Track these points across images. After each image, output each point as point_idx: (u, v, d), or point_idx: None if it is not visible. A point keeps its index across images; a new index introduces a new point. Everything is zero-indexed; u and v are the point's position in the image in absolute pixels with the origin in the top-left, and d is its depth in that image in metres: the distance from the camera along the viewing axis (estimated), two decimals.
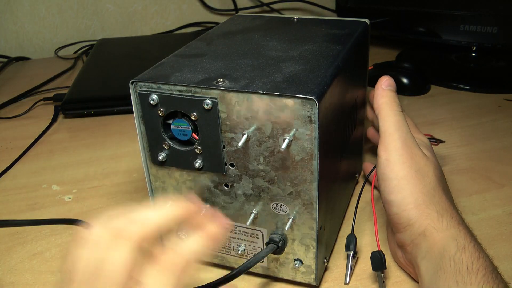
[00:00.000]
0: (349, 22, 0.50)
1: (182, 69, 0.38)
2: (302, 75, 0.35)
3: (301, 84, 0.34)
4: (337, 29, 0.47)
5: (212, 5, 1.11)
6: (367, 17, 0.53)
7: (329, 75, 0.36)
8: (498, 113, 0.69)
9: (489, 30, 0.75)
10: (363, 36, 0.48)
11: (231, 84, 0.34)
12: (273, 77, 0.35)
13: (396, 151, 0.39)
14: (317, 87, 0.33)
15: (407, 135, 0.40)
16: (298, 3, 1.14)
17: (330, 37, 0.45)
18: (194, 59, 0.40)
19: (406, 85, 0.76)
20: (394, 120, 0.40)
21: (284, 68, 0.37)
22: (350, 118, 0.46)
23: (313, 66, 0.37)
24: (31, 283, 0.42)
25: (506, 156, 0.58)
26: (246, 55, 0.40)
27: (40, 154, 0.63)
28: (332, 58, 0.39)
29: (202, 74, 0.36)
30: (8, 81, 0.89)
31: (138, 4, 1.07)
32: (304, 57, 0.39)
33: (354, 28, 0.47)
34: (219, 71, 0.37)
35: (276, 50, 0.41)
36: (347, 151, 0.46)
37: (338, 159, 0.42)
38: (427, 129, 0.65)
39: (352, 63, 0.44)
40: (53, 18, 1.03)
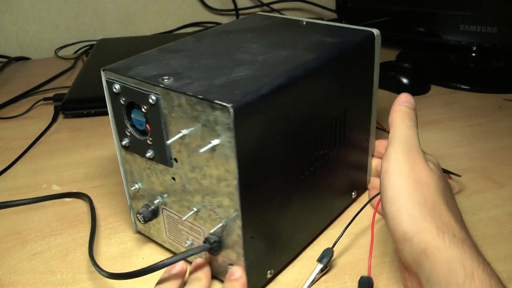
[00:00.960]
0: (353, 31, 0.45)
1: (148, 63, 0.39)
2: (244, 81, 0.35)
3: (233, 90, 0.33)
4: (332, 37, 0.44)
5: (212, 5, 1.11)
6: (367, 17, 0.52)
7: (274, 83, 0.34)
8: (498, 113, 0.69)
9: (489, 30, 0.75)
10: (362, 47, 0.44)
11: (172, 82, 0.35)
12: (217, 80, 0.35)
13: (396, 160, 0.37)
14: (246, 95, 0.32)
15: (413, 147, 0.38)
16: (298, 3, 1.14)
17: (314, 45, 0.42)
18: (168, 54, 0.41)
19: (406, 85, 0.76)
20: (402, 133, 0.39)
21: (236, 72, 0.36)
22: (326, 132, 0.42)
23: (265, 73, 0.36)
24: (31, 283, 0.42)
25: (506, 156, 0.58)
26: (216, 55, 0.40)
27: (40, 154, 0.63)
28: (292, 67, 0.37)
29: (160, 69, 0.38)
30: (8, 81, 0.89)
31: (138, 4, 1.07)
32: (266, 62, 0.38)
33: (351, 38, 0.44)
34: (176, 68, 0.38)
35: (249, 53, 0.40)
36: (324, 168, 0.43)
37: (293, 174, 0.39)
38: (427, 129, 0.65)
39: (330, 73, 0.40)
40: (53, 18, 1.03)
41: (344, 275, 0.41)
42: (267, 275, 0.40)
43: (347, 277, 0.41)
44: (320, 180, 0.43)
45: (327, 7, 1.12)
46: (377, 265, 0.42)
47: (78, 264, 0.44)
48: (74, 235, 0.48)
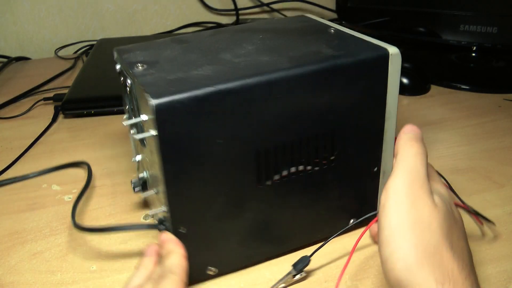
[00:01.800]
0: (366, 47, 0.41)
1: (148, 49, 0.42)
2: (194, 79, 0.35)
3: (173, 86, 0.34)
4: (335, 49, 0.40)
5: (212, 5, 1.11)
6: (367, 17, 0.50)
7: (219, 87, 0.34)
8: (498, 113, 0.69)
9: (489, 30, 0.75)
10: (366, 66, 0.39)
11: (140, 70, 0.38)
12: (173, 75, 0.36)
13: (396, 195, 0.33)
14: (178, 93, 0.33)
15: (418, 179, 0.33)
16: (298, 3, 1.14)
17: (306, 55, 0.39)
18: (172, 44, 0.44)
19: (406, 85, 0.76)
20: (407, 162, 0.34)
21: (199, 70, 0.37)
22: (298, 148, 0.39)
23: (222, 75, 0.36)
24: (31, 283, 0.42)
25: (506, 156, 0.58)
26: (206, 51, 0.41)
27: (40, 154, 0.63)
28: (253, 73, 0.36)
29: (148, 57, 0.40)
30: (8, 81, 0.89)
31: (138, 4, 1.07)
32: (236, 65, 0.38)
33: (356, 53, 0.39)
34: (160, 58, 0.40)
35: (235, 54, 0.40)
36: (300, 185, 0.41)
37: (246, 181, 0.38)
38: (427, 129, 0.65)
39: (308, 87, 0.37)
40: (53, 18, 1.03)
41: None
42: (208, 271, 0.40)
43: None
44: (295, 197, 0.41)
45: (327, 7, 1.12)
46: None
47: (78, 264, 0.44)
48: (74, 235, 0.48)
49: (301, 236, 0.43)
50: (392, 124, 0.42)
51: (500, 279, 0.40)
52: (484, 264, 0.41)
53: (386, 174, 0.43)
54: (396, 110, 0.42)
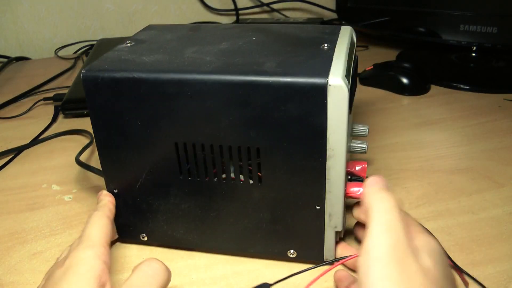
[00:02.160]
0: (312, 72, 0.35)
1: (163, 30, 0.49)
2: (135, 63, 0.39)
3: (114, 64, 0.39)
4: (282, 66, 0.37)
5: (212, 5, 1.11)
6: (367, 17, 0.49)
7: (138, 75, 0.38)
8: (498, 113, 0.69)
9: (489, 30, 0.75)
10: (291, 92, 0.35)
11: (121, 46, 0.44)
12: (133, 55, 0.41)
13: (380, 261, 0.29)
14: (107, 71, 0.38)
15: (399, 240, 0.30)
16: (298, 3, 1.14)
17: (243, 65, 0.38)
18: (184, 30, 0.48)
19: (406, 85, 0.76)
20: (384, 219, 0.31)
21: (151, 56, 0.41)
22: (218, 155, 0.39)
23: (154, 65, 0.39)
24: (31, 283, 0.42)
25: (506, 156, 0.58)
26: (189, 42, 0.44)
27: (40, 154, 0.63)
28: (177, 70, 0.38)
29: (148, 36, 0.47)
30: (8, 81, 0.89)
31: (138, 4, 1.07)
32: (180, 59, 0.40)
33: (288, 75, 0.35)
34: (153, 40, 0.46)
35: (203, 49, 0.42)
36: (223, 192, 0.40)
37: (168, 167, 0.40)
38: (427, 129, 0.65)
39: (231, 99, 0.36)
40: (53, 18, 1.03)
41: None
42: (140, 236, 0.45)
43: None
44: (219, 201, 0.41)
45: (327, 7, 1.12)
46: None
47: None
48: (74, 235, 0.48)
49: (229, 242, 0.43)
50: (338, 163, 0.37)
51: (500, 279, 0.40)
52: (484, 264, 0.41)
53: (333, 218, 0.39)
54: (344, 150, 0.36)
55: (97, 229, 0.37)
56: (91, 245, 0.35)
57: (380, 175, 0.36)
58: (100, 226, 0.38)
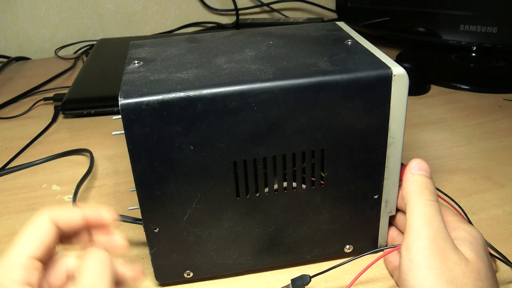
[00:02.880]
0: (370, 64, 0.37)
1: (157, 46, 0.43)
2: (172, 82, 0.35)
3: (147, 87, 0.34)
4: (335, 64, 0.37)
5: (212, 5, 1.11)
6: (367, 17, 0.49)
7: (192, 93, 0.34)
8: (498, 113, 0.69)
9: (489, 30, 0.75)
10: (362, 87, 0.35)
11: (132, 67, 0.38)
12: (158, 75, 0.37)
13: (421, 252, 0.31)
14: (148, 95, 0.33)
15: (439, 232, 0.32)
16: (298, 3, 1.14)
17: (301, 67, 0.37)
18: (183, 43, 0.44)
19: None
20: (423, 212, 0.33)
21: (183, 73, 0.37)
22: (281, 164, 0.37)
23: (201, 81, 0.35)
24: None
25: (506, 156, 0.58)
26: (205, 54, 0.41)
27: (40, 154, 0.63)
28: (230, 81, 0.35)
29: (150, 54, 0.41)
30: (8, 81, 0.89)
31: (138, 4, 1.07)
32: (220, 71, 0.37)
33: (355, 72, 0.36)
34: (160, 57, 0.41)
35: (230, 59, 0.39)
36: (283, 202, 0.39)
37: (223, 191, 0.37)
38: (427, 129, 0.65)
39: (293, 103, 0.35)
40: (53, 18, 1.03)
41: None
42: (185, 274, 0.40)
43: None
44: (278, 213, 0.39)
45: (327, 7, 1.12)
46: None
47: None
48: None
49: (286, 254, 0.41)
50: (397, 150, 0.38)
51: (500, 279, 0.40)
52: None
53: (389, 203, 0.40)
54: (402, 136, 0.38)
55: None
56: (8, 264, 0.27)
57: (422, 159, 0.38)
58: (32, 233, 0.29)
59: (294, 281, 0.38)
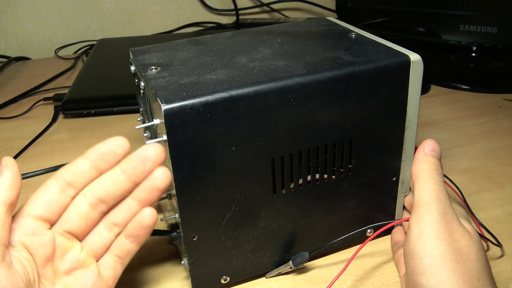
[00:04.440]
0: (387, 53, 0.39)
1: (164, 51, 0.42)
2: (207, 83, 0.35)
3: (185, 91, 0.34)
4: (354, 55, 0.39)
5: (212, 5, 1.11)
6: (367, 17, 0.49)
7: (232, 93, 0.33)
8: (498, 113, 0.69)
9: (489, 30, 0.75)
10: (385, 74, 0.37)
11: (153, 73, 0.37)
12: (186, 78, 0.36)
13: (431, 224, 0.33)
14: (189, 98, 0.33)
15: (447, 207, 0.34)
16: (298, 3, 1.14)
17: (323, 60, 0.38)
18: (189, 45, 0.44)
19: None
20: (432, 189, 0.35)
21: (212, 74, 0.37)
22: (315, 157, 0.38)
23: (236, 81, 0.35)
24: None
25: (506, 156, 0.58)
26: (221, 54, 0.41)
27: (40, 154, 0.63)
28: (267, 79, 0.35)
29: (162, 59, 0.40)
30: (8, 81, 0.89)
31: (138, 4, 1.07)
32: (250, 71, 0.37)
33: (375, 60, 0.37)
34: (175, 61, 0.40)
35: (251, 58, 0.39)
36: (315, 194, 0.40)
37: (261, 189, 0.38)
38: (427, 129, 0.65)
39: (324, 95, 0.36)
40: (53, 18, 1.03)
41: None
42: (221, 280, 0.40)
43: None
44: (310, 205, 0.40)
45: (327, 7, 1.12)
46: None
47: None
48: None
49: (316, 245, 0.42)
50: (413, 132, 0.41)
51: (500, 279, 0.40)
52: None
53: (405, 184, 0.43)
54: (417, 118, 0.40)
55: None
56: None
57: (434, 141, 0.39)
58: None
59: (294, 258, 0.40)
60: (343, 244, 0.43)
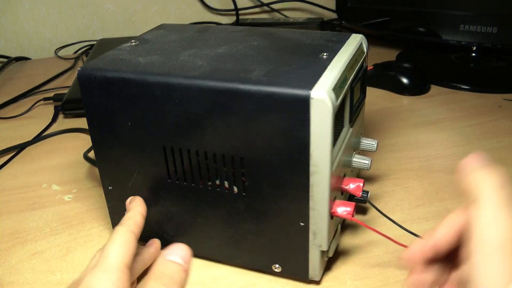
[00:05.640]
0: (298, 83, 0.34)
1: (172, 30, 0.48)
2: (129, 63, 0.39)
3: (109, 64, 0.39)
4: (270, 75, 0.36)
5: (212, 5, 1.11)
6: (367, 17, 0.48)
7: (127, 75, 0.38)
8: (498, 113, 0.69)
9: (489, 30, 0.75)
10: (273, 103, 0.34)
11: (125, 46, 0.44)
12: (130, 56, 0.41)
13: (503, 246, 0.24)
14: (99, 71, 0.38)
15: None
16: (298, 3, 1.14)
17: (227, 72, 0.37)
18: (192, 32, 0.47)
19: (406, 85, 0.76)
20: (497, 196, 0.27)
21: (148, 57, 0.41)
22: (202, 162, 0.38)
23: (146, 67, 0.38)
24: (31, 282, 0.42)
25: (506, 156, 0.58)
26: (188, 44, 0.44)
27: (40, 154, 0.63)
28: (164, 73, 0.37)
29: (153, 36, 0.46)
30: (8, 81, 0.89)
31: (138, 4, 1.07)
32: (174, 62, 0.39)
33: (271, 85, 0.34)
34: (157, 40, 0.45)
35: (200, 53, 0.41)
36: (212, 200, 0.40)
37: (157, 170, 0.40)
38: (427, 129, 0.65)
39: (217, 106, 0.36)
40: (53, 18, 1.03)
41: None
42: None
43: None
44: (206, 207, 0.40)
45: (327, 7, 1.12)
46: None
47: (78, 263, 0.44)
48: (74, 234, 0.48)
49: (216, 250, 0.42)
50: (323, 181, 0.35)
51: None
52: None
53: (318, 236, 0.38)
54: (328, 168, 0.35)
55: (116, 248, 0.32)
56: (107, 268, 0.31)
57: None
58: (120, 245, 0.33)
59: None
60: (248, 265, 0.42)
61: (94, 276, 0.30)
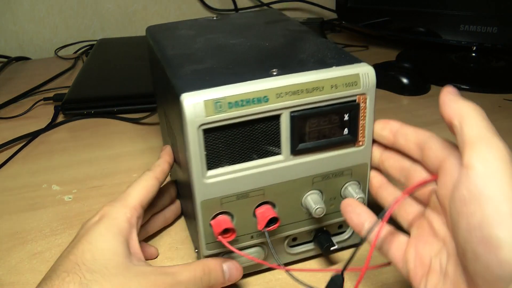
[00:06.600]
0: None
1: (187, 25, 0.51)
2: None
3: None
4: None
5: (212, 5, 1.11)
6: (367, 17, 0.48)
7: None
8: (498, 113, 0.69)
9: (489, 30, 0.75)
10: None
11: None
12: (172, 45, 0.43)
13: (501, 160, 0.26)
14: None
15: (508, 148, 0.28)
16: (298, 3, 1.14)
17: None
18: (204, 21, 0.51)
19: (406, 85, 0.76)
20: (488, 125, 0.29)
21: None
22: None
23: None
24: (31, 283, 0.42)
25: None
26: (203, 30, 0.47)
27: (40, 154, 0.63)
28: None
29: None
30: (8, 81, 0.89)
31: (138, 4, 1.07)
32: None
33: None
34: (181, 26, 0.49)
35: (210, 38, 0.44)
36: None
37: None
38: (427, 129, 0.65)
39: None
40: (53, 18, 1.03)
41: None
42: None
43: None
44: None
45: (327, 7, 1.12)
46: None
47: None
48: (74, 235, 0.48)
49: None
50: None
51: None
52: None
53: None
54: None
55: (138, 189, 0.39)
56: (124, 204, 0.37)
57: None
58: (142, 187, 0.39)
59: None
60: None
61: (113, 208, 0.37)
